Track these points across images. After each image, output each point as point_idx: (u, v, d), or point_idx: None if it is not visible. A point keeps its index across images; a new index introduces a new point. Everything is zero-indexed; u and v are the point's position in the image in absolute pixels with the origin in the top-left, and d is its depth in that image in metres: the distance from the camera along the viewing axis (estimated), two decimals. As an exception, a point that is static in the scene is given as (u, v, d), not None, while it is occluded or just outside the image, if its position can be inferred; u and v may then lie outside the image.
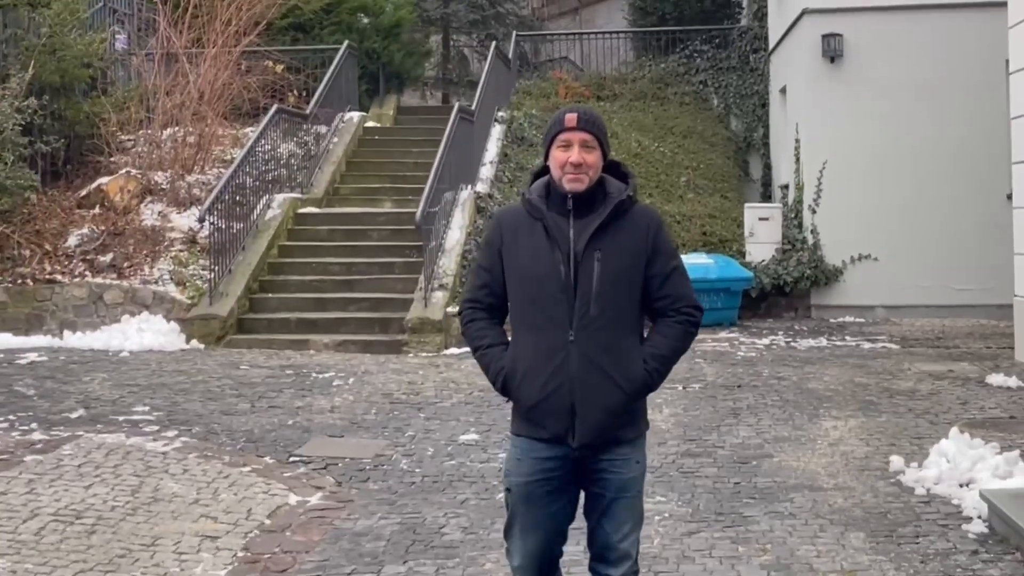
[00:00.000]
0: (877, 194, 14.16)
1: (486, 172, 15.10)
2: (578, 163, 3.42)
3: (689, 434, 7.47)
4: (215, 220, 11.78)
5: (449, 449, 7.16)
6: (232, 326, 11.55)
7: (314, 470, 6.71)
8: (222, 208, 12.02)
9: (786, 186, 16.12)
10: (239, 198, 12.66)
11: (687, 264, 3.97)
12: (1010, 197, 11.35)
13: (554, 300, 3.41)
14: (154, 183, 13.65)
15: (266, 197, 13.45)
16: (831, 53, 14.41)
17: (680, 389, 8.90)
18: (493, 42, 19.07)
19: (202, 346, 11.14)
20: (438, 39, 24.90)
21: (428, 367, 10.25)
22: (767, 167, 18.06)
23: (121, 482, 6.23)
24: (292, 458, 6.95)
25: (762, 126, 18.40)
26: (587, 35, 23.12)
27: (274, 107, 14.11)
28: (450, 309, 11.43)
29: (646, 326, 3.59)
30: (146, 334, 11.14)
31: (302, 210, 13.84)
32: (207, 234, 12.04)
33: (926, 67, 14.04)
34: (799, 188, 15.12)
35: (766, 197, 17.49)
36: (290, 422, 7.90)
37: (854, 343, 11.77)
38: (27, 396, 8.61)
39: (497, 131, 16.44)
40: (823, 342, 11.86)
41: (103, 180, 13.53)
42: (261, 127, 13.59)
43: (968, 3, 13.87)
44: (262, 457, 6.96)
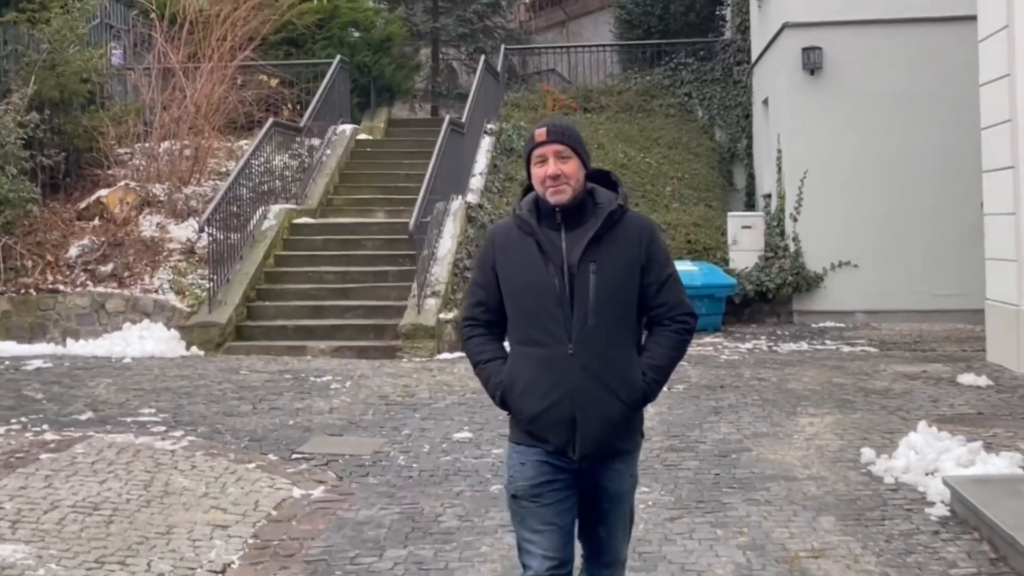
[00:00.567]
0: (856, 202, 14.56)
1: (476, 183, 15.43)
2: (555, 175, 3.43)
3: (673, 431, 7.82)
4: (213, 231, 12.12)
5: (444, 446, 7.49)
6: (231, 333, 11.89)
7: (316, 466, 7.03)
8: (220, 219, 12.37)
9: (769, 195, 16.49)
10: (236, 209, 13.00)
11: (672, 271, 4.19)
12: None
13: (551, 314, 3.41)
14: (152, 195, 13.99)
15: (262, 208, 13.77)
16: (811, 66, 14.84)
17: (665, 390, 9.11)
18: (482, 56, 19.40)
19: (202, 353, 11.48)
20: (427, 52, 25.22)
21: (422, 371, 10.58)
22: (751, 177, 18.44)
23: (133, 477, 6.54)
24: (294, 455, 7.28)
25: (745, 137, 18.79)
26: (574, 48, 23.52)
27: (270, 120, 14.46)
28: (442, 316, 11.80)
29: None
30: (147, 341, 11.49)
31: (297, 220, 14.15)
32: (205, 244, 12.39)
33: (904, 79, 14.46)
34: (781, 197, 15.50)
35: (750, 206, 17.87)
36: (291, 422, 8.23)
37: (834, 347, 12.15)
38: (36, 400, 8.93)
39: (486, 143, 16.79)
40: (804, 346, 12.26)
41: (102, 192, 13.88)
42: (257, 140, 13.93)
43: (944, 17, 14.25)
44: (266, 454, 7.28)
